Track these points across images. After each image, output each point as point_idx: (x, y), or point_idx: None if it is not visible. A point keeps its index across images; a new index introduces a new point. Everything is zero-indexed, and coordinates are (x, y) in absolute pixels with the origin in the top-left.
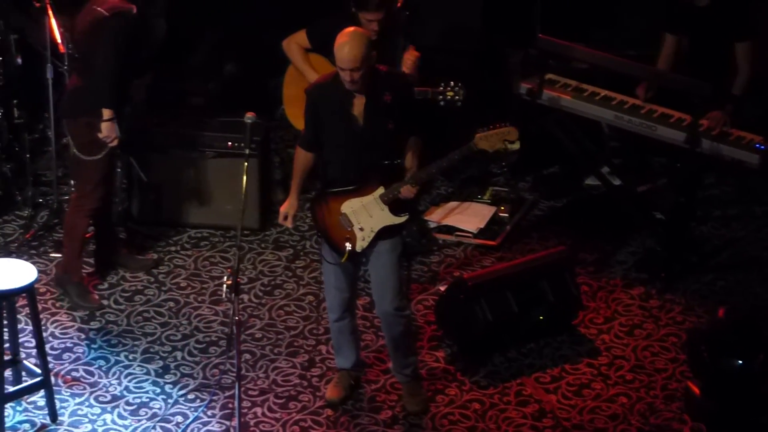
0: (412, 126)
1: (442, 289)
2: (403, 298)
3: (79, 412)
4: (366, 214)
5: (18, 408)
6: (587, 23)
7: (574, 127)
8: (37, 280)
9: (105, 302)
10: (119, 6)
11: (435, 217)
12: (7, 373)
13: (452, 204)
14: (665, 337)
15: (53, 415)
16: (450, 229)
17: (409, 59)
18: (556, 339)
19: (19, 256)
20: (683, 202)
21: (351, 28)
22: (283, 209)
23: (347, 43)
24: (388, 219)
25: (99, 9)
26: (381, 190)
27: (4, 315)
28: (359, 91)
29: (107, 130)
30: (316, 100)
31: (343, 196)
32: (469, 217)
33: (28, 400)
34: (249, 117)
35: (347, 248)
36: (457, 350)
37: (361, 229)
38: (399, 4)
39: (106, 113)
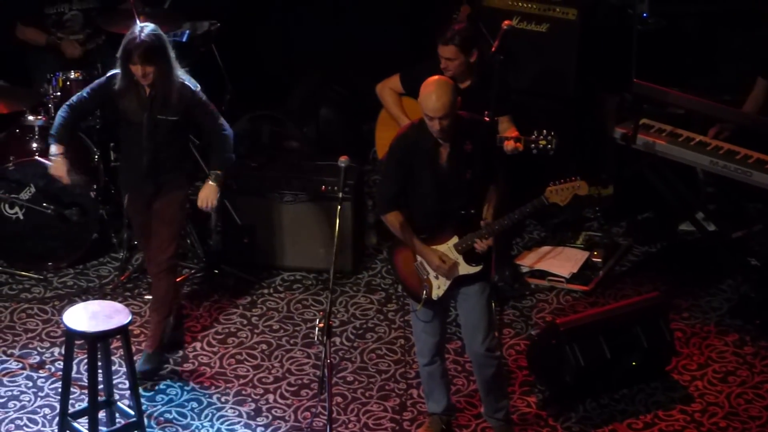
0: (492, 175)
1: (535, 333)
2: (493, 339)
3: None
4: None
5: None
6: (682, 69)
7: (669, 173)
8: (131, 322)
9: (198, 344)
10: None
11: (528, 261)
12: (101, 414)
13: (545, 248)
14: (760, 384)
15: None
16: (543, 274)
17: (509, 146)
18: (649, 385)
19: (113, 298)
20: None
21: (435, 77)
22: (436, 260)
23: (434, 92)
24: (463, 269)
25: None
26: (455, 240)
27: (99, 356)
28: (446, 139)
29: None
30: (403, 152)
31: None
32: (562, 261)
33: None
34: (343, 161)
35: (424, 296)
36: (549, 395)
37: (437, 278)
38: (493, 49)
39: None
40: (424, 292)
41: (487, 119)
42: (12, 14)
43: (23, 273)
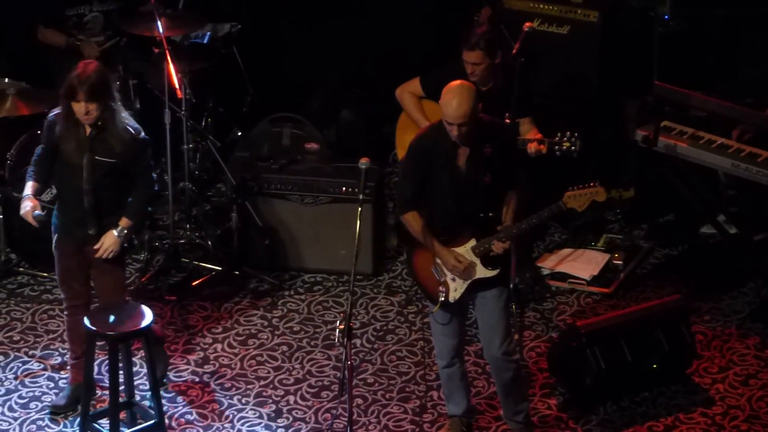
0: (511, 179)
1: (555, 336)
2: (511, 342)
3: None
4: None
5: None
6: (704, 71)
7: (691, 175)
8: (152, 323)
9: (218, 346)
10: None
11: (548, 263)
12: (123, 415)
13: (566, 251)
14: None
15: None
16: (563, 276)
17: (533, 148)
18: (669, 388)
19: (135, 300)
20: None
21: (457, 82)
22: (450, 259)
23: (455, 98)
24: (480, 272)
25: None
26: (473, 242)
27: (120, 358)
28: (464, 143)
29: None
30: (422, 153)
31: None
32: (583, 264)
33: None
34: (363, 162)
35: (441, 298)
36: (570, 398)
37: (453, 280)
38: (514, 51)
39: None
40: (442, 294)
41: (508, 121)
42: (33, 16)
43: (45, 274)
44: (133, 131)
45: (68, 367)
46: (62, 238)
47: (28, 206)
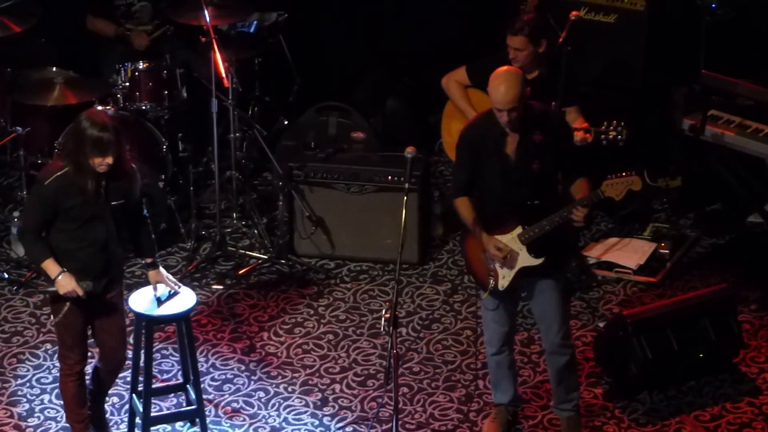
0: (572, 167)
1: (602, 325)
2: (569, 329)
3: None
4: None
5: None
6: (751, 60)
7: (737, 164)
8: (191, 310)
9: (265, 334)
10: None
11: (594, 252)
12: (175, 399)
13: (612, 240)
14: None
15: None
16: (609, 265)
17: (578, 137)
18: (716, 377)
19: None
20: None
21: (505, 68)
22: (491, 246)
23: (502, 83)
24: (525, 260)
25: None
26: (519, 230)
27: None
28: (514, 129)
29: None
30: (472, 141)
31: (486, 233)
32: (629, 253)
33: (190, 430)
34: (409, 152)
35: (490, 285)
36: (616, 387)
37: (501, 267)
38: (560, 40)
39: None
40: (491, 281)
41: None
42: (83, 6)
43: None
44: (132, 168)
45: None
46: (77, 303)
47: (70, 281)
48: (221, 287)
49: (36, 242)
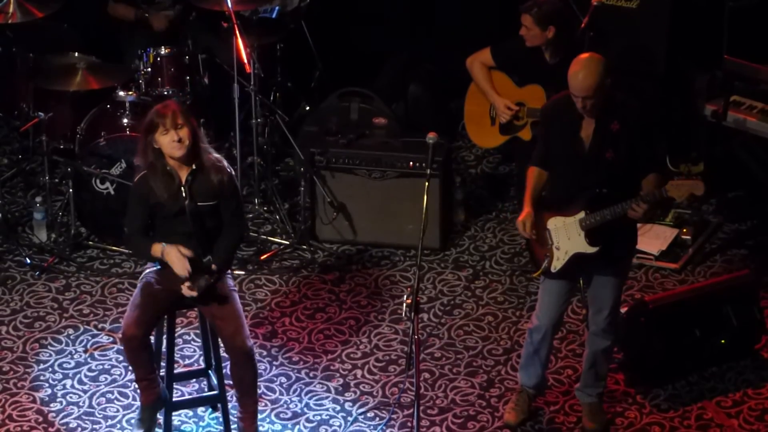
0: (648, 160)
1: (623, 311)
2: (617, 317)
3: (261, 428)
4: (565, 235)
5: (201, 423)
6: None
7: (760, 150)
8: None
9: (286, 320)
10: None
11: None
12: (197, 384)
13: None
14: None
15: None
16: None
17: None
18: (738, 363)
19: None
20: None
21: (586, 54)
22: (520, 220)
23: (581, 70)
24: (582, 246)
25: None
26: (582, 215)
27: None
28: (591, 116)
29: None
30: (549, 118)
31: (551, 212)
32: (651, 239)
33: (212, 416)
34: (431, 137)
35: (544, 265)
36: (638, 373)
37: (558, 249)
38: (582, 25)
39: None
40: (546, 259)
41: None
42: None
43: (114, 248)
44: (229, 170)
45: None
46: (170, 272)
47: (173, 248)
48: (243, 272)
49: (140, 241)
